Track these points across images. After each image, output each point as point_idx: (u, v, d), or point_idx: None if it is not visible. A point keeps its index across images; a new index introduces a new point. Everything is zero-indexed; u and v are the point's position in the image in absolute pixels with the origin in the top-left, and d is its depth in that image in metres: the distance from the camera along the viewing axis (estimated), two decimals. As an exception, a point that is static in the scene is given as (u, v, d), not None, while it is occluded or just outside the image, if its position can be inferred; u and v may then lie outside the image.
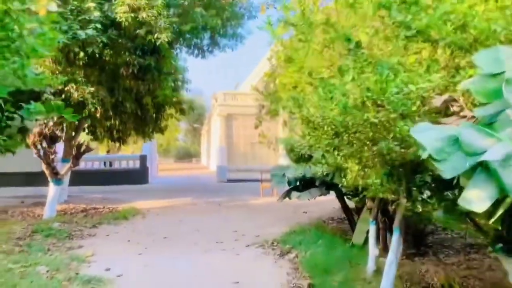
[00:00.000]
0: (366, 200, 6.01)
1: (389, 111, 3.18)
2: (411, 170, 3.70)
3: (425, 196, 3.64)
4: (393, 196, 4.14)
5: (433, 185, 3.52)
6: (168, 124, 18.35)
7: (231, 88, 36.62)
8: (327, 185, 7.21)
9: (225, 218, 10.17)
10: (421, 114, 3.15)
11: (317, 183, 7.28)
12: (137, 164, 21.16)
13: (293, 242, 6.82)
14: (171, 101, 13.58)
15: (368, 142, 3.60)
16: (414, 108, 3.12)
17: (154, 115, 14.04)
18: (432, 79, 3.14)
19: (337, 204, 8.47)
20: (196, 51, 12.83)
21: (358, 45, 3.94)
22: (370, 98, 3.27)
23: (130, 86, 11.14)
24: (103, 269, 5.42)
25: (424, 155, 2.02)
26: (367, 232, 5.71)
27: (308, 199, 7.67)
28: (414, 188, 3.75)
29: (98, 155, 33.78)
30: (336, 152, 4.31)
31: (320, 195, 7.54)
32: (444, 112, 2.99)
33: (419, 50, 3.67)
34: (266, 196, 14.49)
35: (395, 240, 4.31)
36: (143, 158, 21.20)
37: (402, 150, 3.31)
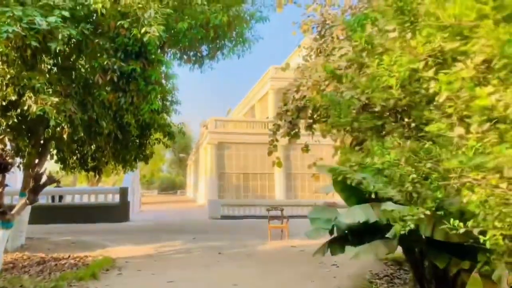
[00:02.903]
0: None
1: None
2: None
3: None
4: None
5: None
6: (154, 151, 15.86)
7: (221, 114, 34.32)
8: (403, 237, 4.71)
9: (230, 275, 7.49)
10: None
11: (387, 234, 4.76)
12: (116, 198, 18.29)
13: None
14: (158, 122, 11.09)
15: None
16: None
17: (138, 139, 11.50)
18: None
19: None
20: (193, 58, 10.45)
21: None
22: None
23: (108, 99, 8.61)
24: None
25: None
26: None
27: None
28: None
29: (77, 187, 30.68)
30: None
31: (388, 253, 5.04)
32: None
33: None
34: (274, 239, 11.84)
35: None
36: (123, 191, 18.36)
37: None
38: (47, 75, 8.00)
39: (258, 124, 27.80)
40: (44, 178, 9.03)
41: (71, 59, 8.48)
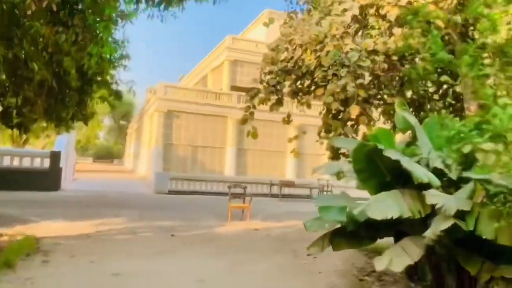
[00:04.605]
0: None
1: None
2: None
3: None
4: None
5: None
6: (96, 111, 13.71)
7: (171, 82, 32.02)
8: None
9: (192, 267, 6.05)
10: None
11: (427, 233, 3.56)
12: (46, 164, 15.88)
13: None
14: (108, 72, 9.19)
15: None
16: None
17: (78, 94, 9.52)
18: None
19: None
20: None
21: None
22: None
23: (42, 34, 6.64)
24: None
25: None
26: None
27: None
28: None
29: (-3, 148, 27.15)
30: None
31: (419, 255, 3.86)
32: None
33: None
34: (235, 220, 10.50)
35: None
36: (55, 156, 15.97)
37: None
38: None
39: (211, 95, 26.00)
40: None
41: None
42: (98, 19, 6.63)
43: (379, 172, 3.94)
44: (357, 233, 4.29)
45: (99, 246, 6.91)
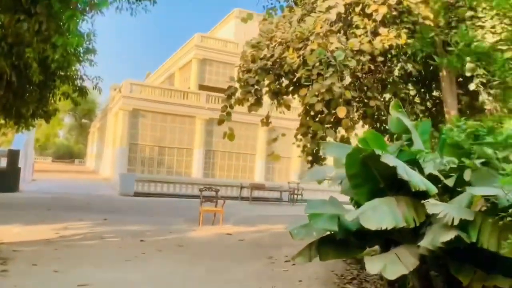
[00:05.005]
0: None
1: None
2: None
3: None
4: None
5: None
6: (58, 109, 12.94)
7: (139, 78, 31.14)
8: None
9: (164, 277, 5.67)
10: None
11: (423, 243, 3.39)
12: (3, 163, 14.87)
13: None
14: (71, 68, 8.65)
15: None
16: None
17: (39, 90, 8.93)
18: None
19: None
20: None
21: None
22: None
23: (1, 22, 6.08)
24: None
25: None
26: None
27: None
28: None
29: None
30: None
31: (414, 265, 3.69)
32: None
33: None
34: (206, 224, 10.13)
35: None
36: (13, 155, 14.99)
37: None
38: None
39: (179, 94, 25.39)
40: None
41: None
42: (64, 7, 6.11)
43: (373, 178, 3.75)
44: (346, 241, 4.09)
45: (62, 253, 6.38)
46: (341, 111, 5.44)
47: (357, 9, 6.14)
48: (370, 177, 3.79)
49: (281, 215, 14.11)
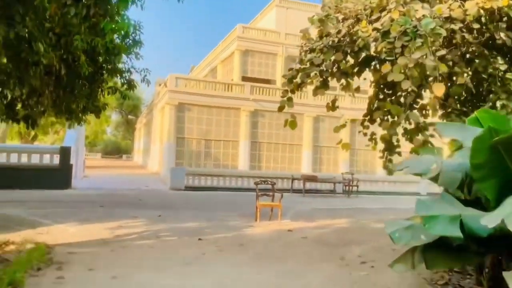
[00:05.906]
0: None
1: None
2: None
3: None
4: None
5: None
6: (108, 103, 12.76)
7: (184, 72, 31.08)
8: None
9: (231, 282, 5.08)
10: None
11: None
12: (56, 160, 15.00)
13: None
14: (119, 60, 8.24)
15: None
16: None
17: (88, 84, 8.59)
18: None
19: None
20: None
21: None
22: None
23: (47, 9, 5.67)
24: None
25: None
26: None
27: None
28: None
29: (5, 144, 26.46)
30: None
31: None
32: None
33: None
34: (263, 219, 9.53)
35: None
36: (65, 152, 15.09)
37: None
38: None
39: (223, 86, 24.95)
40: None
41: None
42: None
43: (504, 168, 2.92)
44: (462, 247, 3.28)
45: (119, 256, 5.97)
46: (439, 88, 4.57)
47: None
48: (500, 167, 2.96)
49: (338, 208, 13.29)
